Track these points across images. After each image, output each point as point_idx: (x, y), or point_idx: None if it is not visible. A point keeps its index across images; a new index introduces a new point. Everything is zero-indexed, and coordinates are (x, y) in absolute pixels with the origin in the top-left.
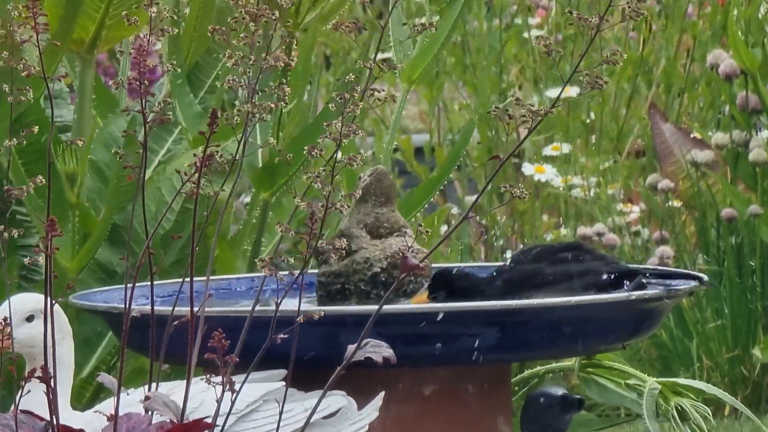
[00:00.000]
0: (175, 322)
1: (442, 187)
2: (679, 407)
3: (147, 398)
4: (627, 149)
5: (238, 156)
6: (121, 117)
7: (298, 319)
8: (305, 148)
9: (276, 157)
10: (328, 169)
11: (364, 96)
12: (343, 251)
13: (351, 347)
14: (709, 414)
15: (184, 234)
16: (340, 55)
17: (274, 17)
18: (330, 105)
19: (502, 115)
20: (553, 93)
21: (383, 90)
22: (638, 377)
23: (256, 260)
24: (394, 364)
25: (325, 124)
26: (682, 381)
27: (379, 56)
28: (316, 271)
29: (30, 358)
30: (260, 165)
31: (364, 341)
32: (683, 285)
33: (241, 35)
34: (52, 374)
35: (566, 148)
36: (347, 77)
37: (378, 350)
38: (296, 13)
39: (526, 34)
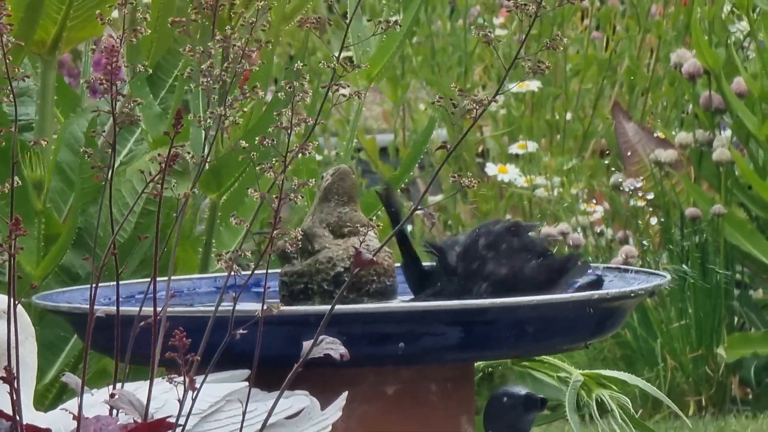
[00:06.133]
0: (141, 323)
1: (406, 186)
2: (599, 399)
3: (112, 396)
4: (590, 149)
5: (201, 158)
6: (83, 117)
7: (257, 314)
8: (256, 139)
9: (232, 152)
10: (281, 159)
11: (328, 93)
12: (299, 243)
13: (306, 344)
14: (628, 404)
15: (148, 236)
16: (305, 55)
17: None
18: (279, 94)
19: (446, 106)
20: (514, 86)
21: (347, 85)
22: (566, 370)
23: (213, 255)
24: (356, 363)
25: (275, 113)
26: (605, 373)
27: (343, 55)
28: (279, 271)
29: None
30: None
31: (320, 338)
32: (645, 284)
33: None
34: (15, 375)
35: (532, 146)
36: (296, 65)
37: (334, 347)
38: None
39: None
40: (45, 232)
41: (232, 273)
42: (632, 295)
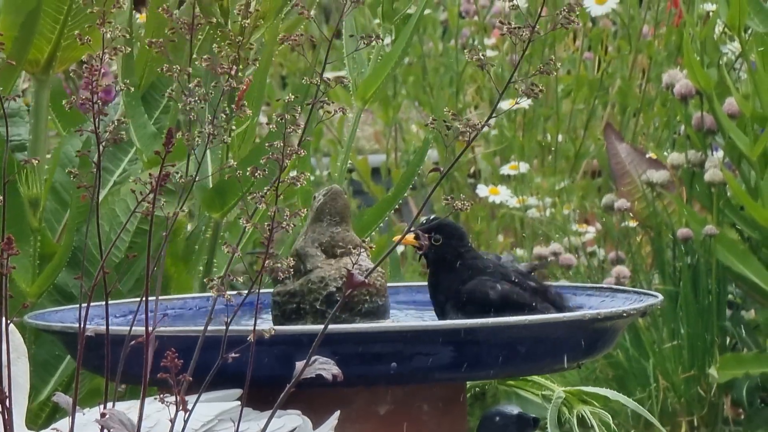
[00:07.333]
0: (132, 342)
1: (399, 207)
2: (580, 415)
3: (103, 415)
4: (582, 169)
5: (191, 177)
6: (76, 137)
7: (249, 338)
8: (249, 169)
9: (227, 175)
10: (273, 189)
11: (312, 110)
12: (291, 270)
13: (299, 365)
14: (609, 419)
15: (142, 255)
16: (297, 76)
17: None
18: (271, 126)
19: (440, 128)
20: (505, 105)
21: (332, 103)
22: (548, 387)
23: (205, 280)
24: (348, 383)
25: (267, 144)
26: (587, 389)
27: (333, 74)
28: (271, 290)
29: None
30: (210, 186)
31: (312, 358)
32: (637, 304)
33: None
34: (7, 394)
35: (524, 167)
36: (288, 97)
37: (327, 367)
38: (242, 32)
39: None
40: (40, 250)
41: (223, 297)
42: (624, 315)
